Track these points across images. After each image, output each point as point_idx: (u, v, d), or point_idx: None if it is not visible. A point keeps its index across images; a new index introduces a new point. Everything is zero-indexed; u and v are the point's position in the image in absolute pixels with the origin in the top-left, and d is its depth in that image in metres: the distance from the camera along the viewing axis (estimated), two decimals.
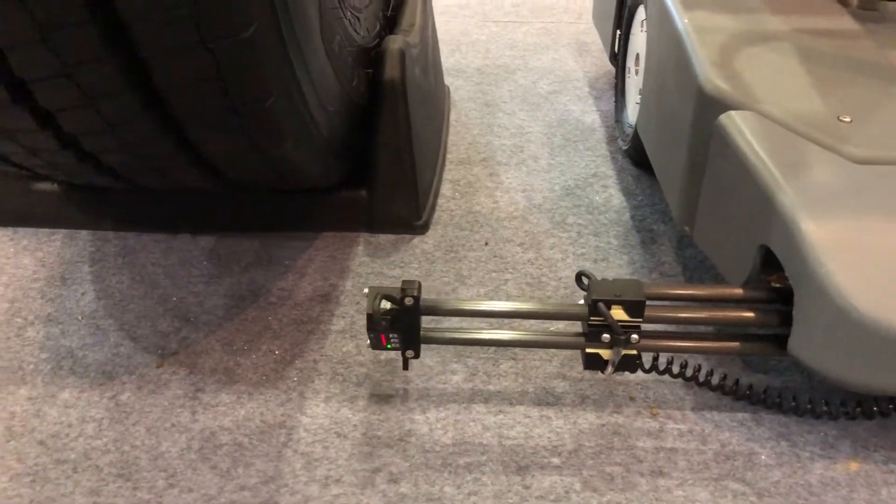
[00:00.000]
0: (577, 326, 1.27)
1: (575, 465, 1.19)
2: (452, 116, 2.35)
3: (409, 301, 1.19)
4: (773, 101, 1.28)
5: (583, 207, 1.87)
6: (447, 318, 1.33)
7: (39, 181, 1.74)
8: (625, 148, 2.05)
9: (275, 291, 1.59)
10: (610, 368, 1.21)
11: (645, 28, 1.89)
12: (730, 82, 1.32)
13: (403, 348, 1.24)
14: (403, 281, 1.21)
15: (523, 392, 1.32)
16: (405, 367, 1.28)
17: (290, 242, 1.73)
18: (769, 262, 1.18)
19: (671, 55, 1.53)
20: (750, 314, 1.18)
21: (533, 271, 1.65)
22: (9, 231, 1.76)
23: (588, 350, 1.21)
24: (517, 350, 1.41)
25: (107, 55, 1.02)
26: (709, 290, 1.27)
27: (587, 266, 1.65)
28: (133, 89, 1.09)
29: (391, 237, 1.76)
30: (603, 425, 1.26)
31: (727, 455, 1.21)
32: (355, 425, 1.26)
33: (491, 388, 1.33)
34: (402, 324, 1.21)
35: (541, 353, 1.41)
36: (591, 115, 2.34)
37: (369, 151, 1.73)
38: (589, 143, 2.19)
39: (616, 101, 2.22)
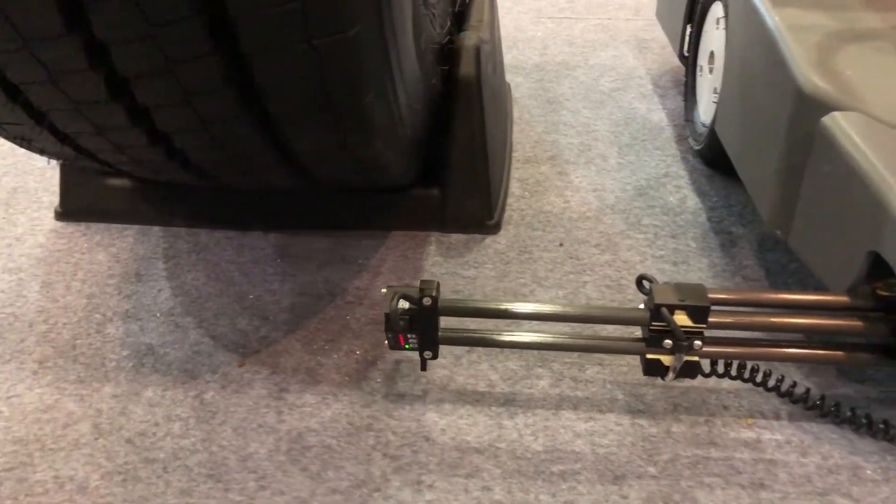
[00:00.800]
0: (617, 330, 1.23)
1: (672, 476, 1.15)
2: (515, 114, 2.32)
3: (427, 301, 1.16)
4: (879, 101, 1.23)
5: (657, 208, 1.83)
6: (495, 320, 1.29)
7: (113, 177, 1.74)
8: (697, 148, 2.01)
9: (351, 290, 1.57)
10: (671, 375, 1.18)
11: (722, 25, 1.84)
12: (831, 82, 1.27)
13: (421, 349, 1.22)
14: (422, 281, 1.18)
15: (612, 399, 1.29)
16: (423, 367, 1.26)
17: (361, 241, 1.72)
18: (878, 269, 1.13)
19: (760, 54, 1.49)
20: (858, 323, 1.13)
21: (612, 273, 1.62)
22: (81, 226, 1.76)
23: (648, 356, 1.18)
24: (603, 356, 1.38)
25: (211, 51, 1.00)
26: (801, 296, 1.23)
27: (667, 269, 1.62)
28: (232, 86, 1.07)
29: (462, 237, 1.73)
30: (697, 434, 1.22)
31: (830, 469, 1.17)
32: (443, 429, 1.24)
33: (579, 394, 1.30)
34: (420, 324, 1.18)
35: (628, 359, 1.38)
36: (657, 114, 2.30)
37: (442, 150, 1.71)
38: (658, 142, 2.14)
39: (686, 100, 2.17)
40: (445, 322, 1.21)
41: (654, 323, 1.15)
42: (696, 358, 1.17)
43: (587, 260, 1.65)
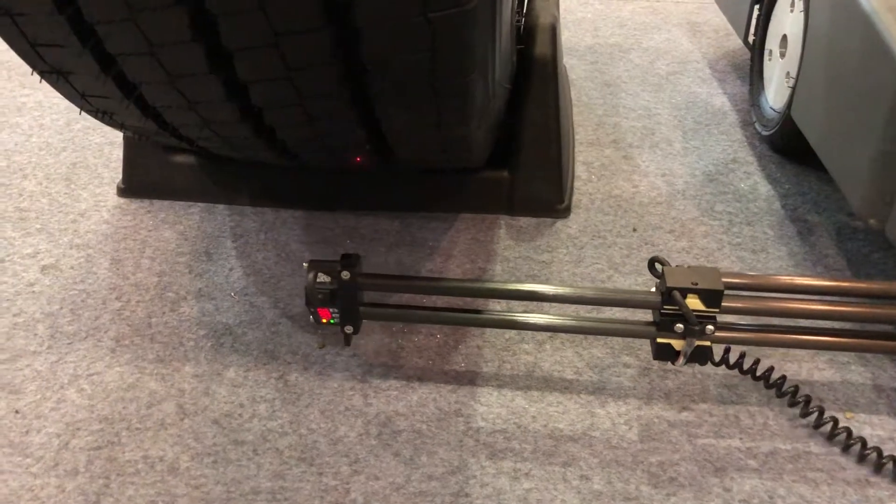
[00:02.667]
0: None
1: (775, 470, 1.12)
2: (573, 96, 2.28)
3: (345, 276, 1.14)
4: None
5: (729, 195, 1.80)
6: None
7: (178, 154, 1.71)
8: (766, 133, 1.96)
9: (424, 272, 1.54)
10: (681, 359, 1.16)
11: (798, 8, 1.79)
12: None
13: (343, 324, 1.21)
14: (343, 255, 1.17)
15: (704, 389, 1.26)
16: (346, 342, 1.26)
17: (429, 223, 1.69)
18: None
19: (854, 38, 1.44)
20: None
21: (689, 260, 1.58)
22: (145, 203, 1.74)
23: (659, 340, 1.16)
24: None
25: (322, 25, 0.96)
26: (823, 282, 1.21)
27: (747, 258, 1.58)
28: (337, 62, 1.04)
29: (532, 220, 1.70)
30: (795, 427, 1.19)
31: None
32: (534, 416, 1.21)
33: (669, 383, 1.27)
34: (341, 299, 1.16)
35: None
36: (719, 98, 2.25)
37: (514, 131, 1.67)
38: (722, 126, 2.10)
39: (751, 85, 2.12)
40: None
41: (665, 306, 1.12)
42: (707, 343, 1.14)
43: (663, 246, 1.62)
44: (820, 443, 1.17)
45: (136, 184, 1.74)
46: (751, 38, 2.16)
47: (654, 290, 1.17)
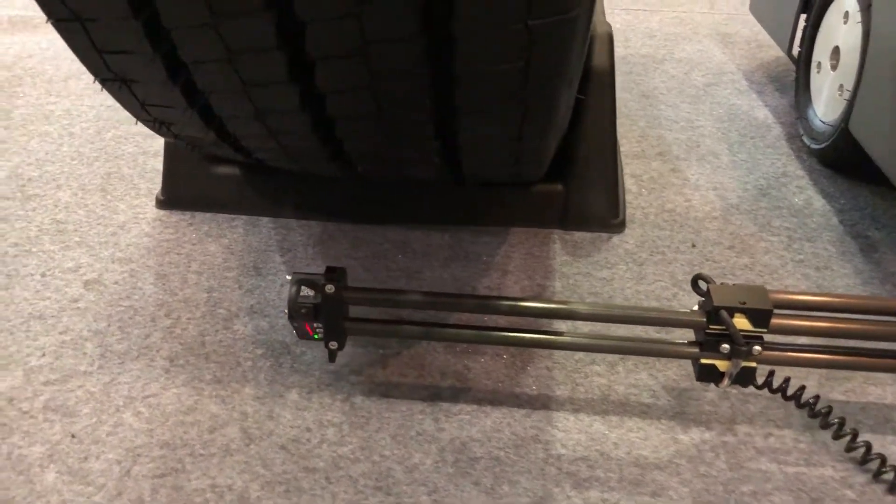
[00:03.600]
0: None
1: (874, 500, 1.07)
2: None
3: (329, 289, 1.09)
4: None
5: (784, 210, 1.75)
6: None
7: (221, 165, 1.66)
8: (816, 147, 1.92)
9: (481, 290, 1.49)
10: (726, 381, 1.11)
11: (854, 19, 1.76)
12: None
13: (327, 339, 1.16)
14: (328, 267, 1.13)
15: (788, 413, 1.22)
16: (330, 358, 1.20)
17: (481, 237, 1.64)
18: None
19: None
20: None
21: (753, 278, 1.54)
22: (186, 215, 1.68)
23: (703, 361, 1.11)
24: (764, 368, 1.29)
25: (416, 32, 0.91)
26: (879, 302, 1.15)
27: (811, 275, 1.54)
28: (423, 72, 0.99)
29: (586, 235, 1.65)
30: (890, 456, 1.14)
31: None
32: (615, 443, 1.16)
33: (751, 407, 1.22)
34: (325, 313, 1.12)
35: (796, 370, 1.29)
36: (760, 111, 2.21)
37: (569, 143, 1.62)
38: (767, 139, 2.06)
39: (797, 97, 2.09)
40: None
41: (711, 326, 1.07)
42: (753, 364, 1.10)
43: (724, 263, 1.57)
44: None
45: (176, 195, 1.69)
46: (795, 51, 2.12)
47: (696, 308, 1.12)
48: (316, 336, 1.17)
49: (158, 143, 1.94)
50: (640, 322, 1.21)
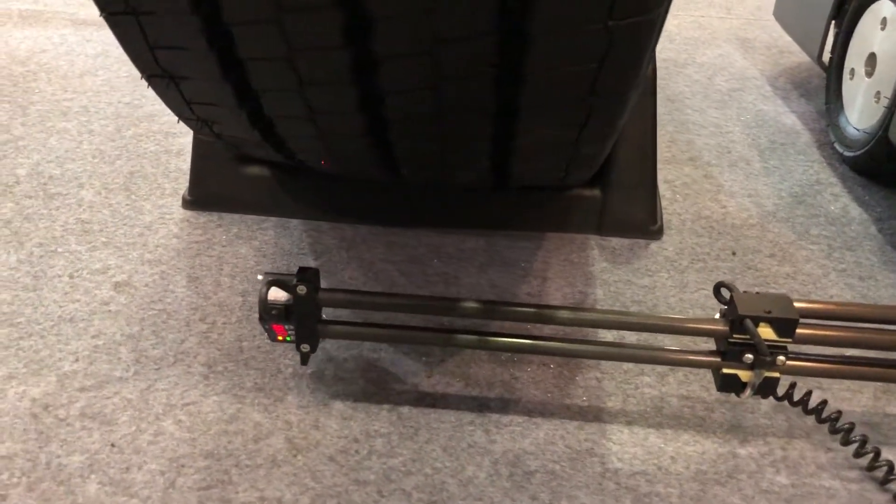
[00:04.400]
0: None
1: None
2: None
3: (301, 290, 1.06)
4: None
5: (821, 217, 1.73)
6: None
7: (250, 165, 1.62)
8: (849, 155, 1.90)
9: (522, 296, 1.45)
10: (748, 392, 1.08)
11: (893, 26, 1.73)
12: None
13: (298, 342, 1.12)
14: (300, 268, 1.09)
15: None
16: (302, 361, 1.16)
17: (517, 243, 1.60)
18: None
19: None
20: None
21: (797, 287, 1.51)
22: (213, 216, 1.64)
23: (725, 371, 1.08)
24: (822, 380, 1.27)
25: (490, 30, 0.88)
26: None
27: (855, 285, 1.51)
28: (492, 71, 0.95)
29: (624, 241, 1.62)
30: None
31: None
32: (672, 457, 1.13)
33: (808, 421, 1.19)
34: (297, 315, 1.09)
35: (847, 384, 1.27)
36: (788, 117, 2.19)
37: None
38: (797, 146, 2.04)
39: (827, 104, 2.06)
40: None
41: (735, 335, 1.05)
42: (776, 374, 1.07)
43: (766, 271, 1.54)
44: None
45: (203, 196, 1.65)
46: (825, 57, 2.10)
47: (717, 316, 1.09)
48: (289, 339, 1.13)
49: (180, 141, 1.90)
50: (659, 330, 1.18)
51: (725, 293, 1.08)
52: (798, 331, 1.05)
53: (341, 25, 0.88)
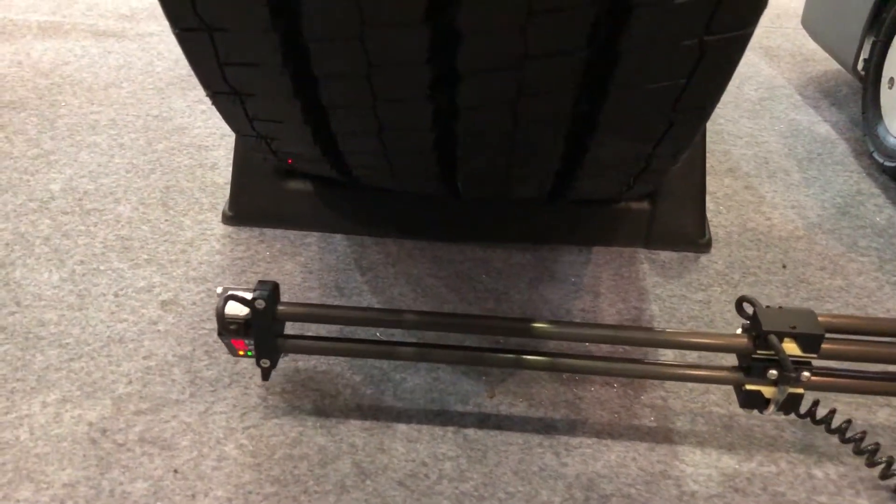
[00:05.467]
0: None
1: None
2: None
3: (260, 304, 1.04)
4: None
5: (868, 229, 1.71)
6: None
7: (293, 180, 1.59)
8: (889, 165, 1.88)
9: (576, 312, 1.43)
10: (771, 408, 1.07)
11: None
12: None
13: (258, 357, 1.10)
14: (259, 281, 1.07)
15: None
16: (263, 377, 1.14)
17: (564, 257, 1.58)
18: None
19: None
20: None
21: (852, 301, 1.49)
22: (255, 232, 1.61)
23: (747, 387, 1.06)
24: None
25: (580, 47, 0.85)
26: None
27: None
28: (575, 87, 0.93)
29: (673, 255, 1.60)
30: None
31: None
32: (748, 478, 1.10)
33: (881, 440, 1.16)
34: (256, 330, 1.07)
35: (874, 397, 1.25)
36: (821, 126, 2.17)
37: None
38: (834, 156, 2.02)
39: (864, 114, 2.05)
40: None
41: (759, 351, 1.03)
42: (800, 390, 1.05)
43: (819, 285, 1.52)
44: None
45: (244, 211, 1.62)
46: (860, 67, 2.08)
47: (739, 331, 1.07)
48: (249, 354, 1.10)
49: (214, 154, 1.88)
50: (681, 347, 1.15)
51: (748, 308, 1.06)
52: (824, 346, 1.02)
53: (427, 42, 0.86)
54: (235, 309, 1.05)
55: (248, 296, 1.04)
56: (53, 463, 1.07)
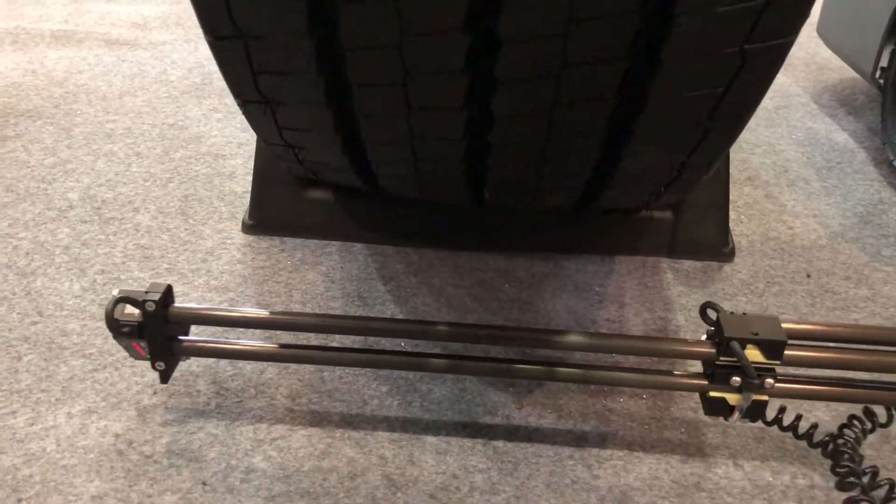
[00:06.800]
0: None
1: None
2: None
3: (150, 306, 1.04)
4: None
5: (891, 238, 1.70)
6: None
7: (314, 189, 1.58)
8: None
9: (601, 322, 1.42)
10: (736, 415, 1.05)
11: None
12: None
13: (153, 360, 1.10)
14: (152, 283, 1.07)
15: None
16: (162, 380, 1.13)
17: (586, 266, 1.57)
18: None
19: None
20: None
21: (878, 311, 1.48)
22: (275, 241, 1.60)
23: (712, 394, 1.05)
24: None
25: (621, 55, 0.85)
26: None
27: None
28: (613, 96, 0.92)
29: (696, 264, 1.59)
30: None
31: None
32: (783, 491, 1.09)
33: None
34: (149, 332, 1.06)
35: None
36: (839, 135, 2.17)
37: None
38: (854, 164, 2.01)
39: (884, 122, 2.04)
40: None
41: (721, 358, 1.02)
42: (765, 397, 1.04)
43: (844, 294, 1.51)
44: None
45: (265, 220, 1.61)
46: (879, 75, 2.08)
47: (704, 338, 1.05)
48: (149, 357, 1.10)
49: (231, 163, 1.87)
50: (645, 353, 1.14)
51: (712, 314, 1.05)
52: (787, 353, 1.01)
53: (465, 50, 0.85)
54: (129, 311, 1.05)
55: (140, 298, 1.03)
56: (81, 475, 1.06)
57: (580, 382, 1.21)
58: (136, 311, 1.05)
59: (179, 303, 1.09)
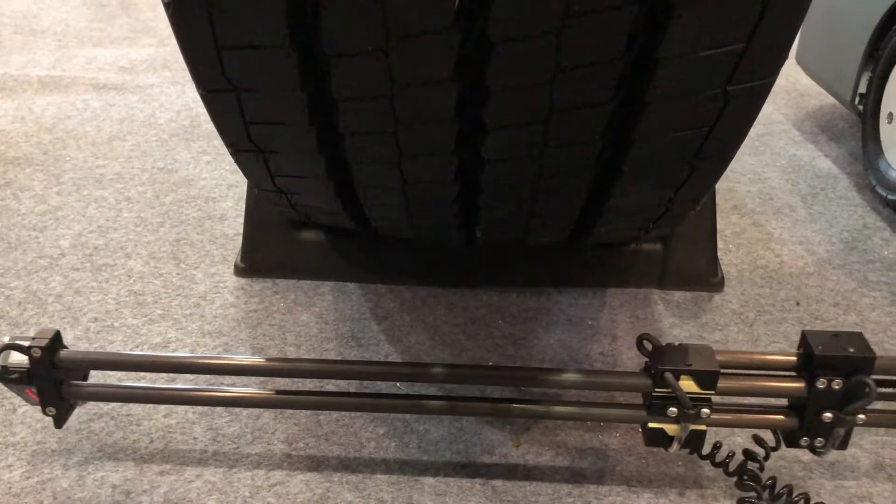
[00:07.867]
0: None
1: None
2: None
3: (36, 353, 1.05)
4: None
5: (877, 263, 1.72)
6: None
7: (304, 230, 1.59)
8: (893, 198, 1.90)
9: (595, 356, 1.43)
10: (675, 446, 1.07)
11: None
12: None
13: (43, 406, 1.10)
14: (40, 329, 1.08)
15: None
16: (56, 425, 1.12)
17: (578, 300, 1.58)
18: None
19: None
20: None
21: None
22: (268, 283, 1.61)
23: (650, 425, 1.06)
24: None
25: (607, 99, 0.87)
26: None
27: None
28: (599, 139, 0.94)
29: (687, 295, 1.60)
30: None
31: None
32: None
33: None
34: (37, 378, 1.07)
35: None
36: (822, 161, 2.20)
37: None
38: (837, 190, 2.04)
39: (865, 148, 2.07)
40: None
41: (657, 389, 1.03)
42: (703, 427, 1.05)
43: (834, 321, 1.52)
44: None
45: (257, 263, 1.62)
46: (858, 101, 2.11)
47: (640, 370, 1.07)
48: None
49: (222, 206, 1.88)
50: (584, 387, 1.14)
51: (647, 345, 1.06)
52: (722, 383, 1.03)
53: (455, 99, 0.87)
54: (17, 358, 1.05)
55: (26, 344, 1.03)
56: None
57: (521, 417, 1.22)
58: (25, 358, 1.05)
59: (95, 347, 1.08)
